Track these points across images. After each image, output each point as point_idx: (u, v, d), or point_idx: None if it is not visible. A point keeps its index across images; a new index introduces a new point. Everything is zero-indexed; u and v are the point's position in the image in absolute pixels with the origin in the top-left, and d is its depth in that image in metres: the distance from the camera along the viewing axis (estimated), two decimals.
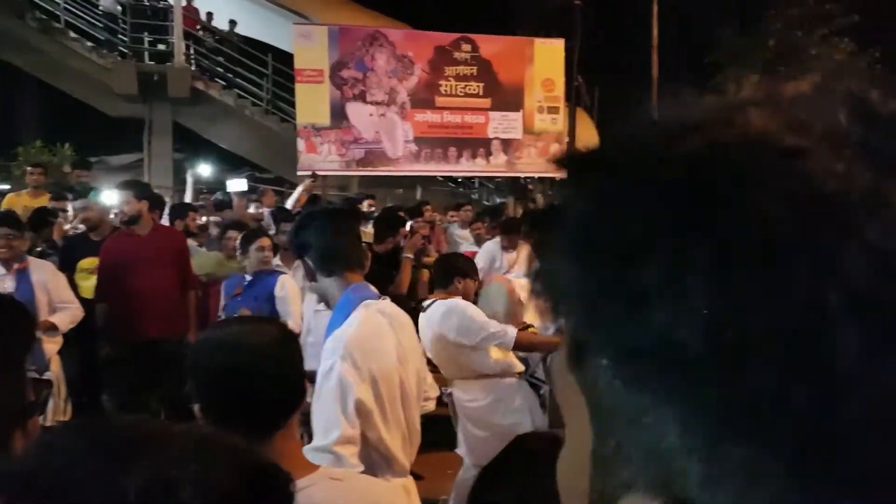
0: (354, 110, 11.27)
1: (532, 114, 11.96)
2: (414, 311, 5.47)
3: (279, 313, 4.08)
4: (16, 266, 4.11)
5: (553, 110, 12.11)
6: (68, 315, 4.19)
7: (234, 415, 1.24)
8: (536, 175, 12.59)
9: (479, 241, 7.38)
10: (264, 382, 1.27)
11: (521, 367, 3.76)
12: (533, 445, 1.18)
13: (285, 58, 12.52)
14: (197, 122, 13.15)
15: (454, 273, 3.66)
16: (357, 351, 1.84)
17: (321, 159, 11.04)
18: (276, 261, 4.65)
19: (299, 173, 10.86)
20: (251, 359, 1.27)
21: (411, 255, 4.96)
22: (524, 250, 6.29)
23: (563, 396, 0.38)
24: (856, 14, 17.50)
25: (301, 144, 11.05)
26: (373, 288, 2.08)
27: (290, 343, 1.37)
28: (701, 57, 18.70)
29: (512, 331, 3.52)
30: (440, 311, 3.51)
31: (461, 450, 3.66)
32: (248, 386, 1.25)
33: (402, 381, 1.96)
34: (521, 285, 4.75)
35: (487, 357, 3.58)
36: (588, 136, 14.38)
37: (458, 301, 3.54)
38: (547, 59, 12.11)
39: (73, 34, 13.09)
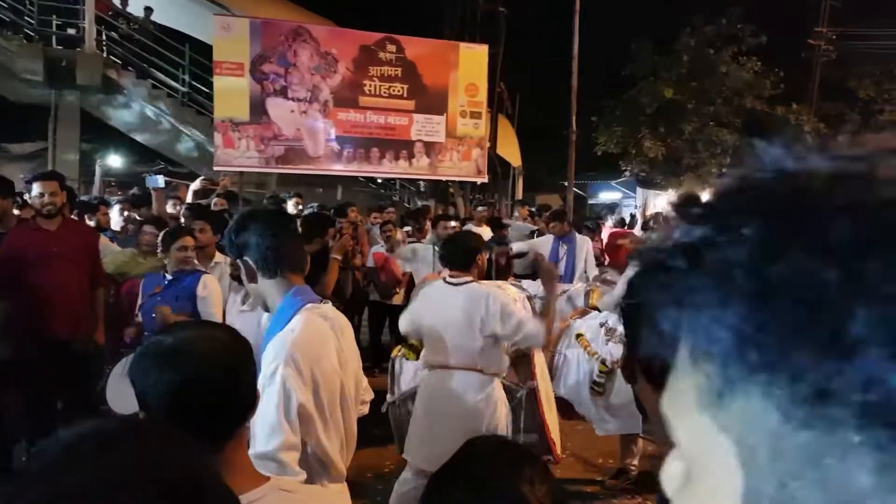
0: (275, 106, 11.01)
1: (455, 118, 12.03)
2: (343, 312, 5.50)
3: (200, 314, 4.00)
4: None
5: (476, 115, 12.22)
6: None
7: (183, 426, 1.16)
8: (458, 179, 12.71)
9: (388, 244, 7.40)
10: (215, 392, 1.22)
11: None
12: (485, 449, 1.20)
13: (204, 49, 12.13)
14: (107, 111, 12.56)
15: (475, 251, 3.65)
16: (300, 355, 1.81)
17: (239, 155, 10.75)
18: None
19: (215, 168, 10.55)
20: (201, 368, 1.22)
21: (339, 257, 4.93)
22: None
23: (687, 436, 0.37)
24: (764, 35, 18.52)
25: (218, 139, 10.70)
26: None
27: (241, 349, 1.31)
28: (618, 69, 19.40)
29: (543, 330, 3.48)
30: (477, 294, 3.47)
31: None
32: (197, 397, 1.20)
33: (342, 386, 1.95)
34: None
35: (502, 353, 3.56)
36: (509, 142, 14.65)
37: (498, 289, 3.56)
38: (471, 64, 12.21)
39: None
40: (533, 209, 9.92)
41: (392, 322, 7.18)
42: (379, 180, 14.22)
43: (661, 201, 21.11)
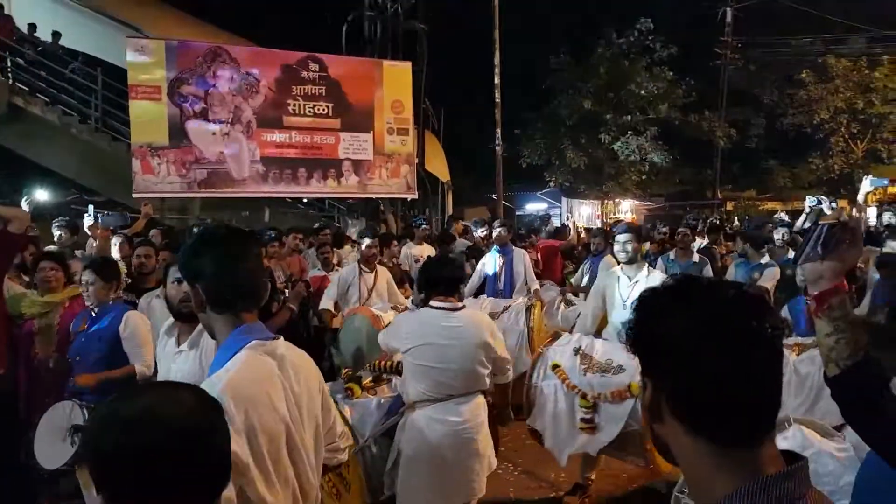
0: (196, 129, 10.75)
1: (382, 135, 12.05)
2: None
3: (128, 355, 3.74)
4: None
5: (403, 132, 12.27)
6: None
7: (155, 501, 1.08)
8: (388, 196, 12.68)
9: (325, 266, 7.27)
10: (184, 464, 1.09)
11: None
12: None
13: (116, 73, 11.73)
14: (15, 140, 11.95)
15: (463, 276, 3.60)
16: (232, 399, 1.58)
17: (159, 181, 10.43)
18: None
19: (135, 195, 10.20)
20: (167, 437, 1.08)
21: (295, 307, 4.77)
22: (382, 274, 6.13)
23: None
24: (674, 46, 19.38)
25: (136, 165, 10.36)
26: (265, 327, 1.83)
27: (210, 411, 1.18)
28: (539, 83, 19.90)
29: None
30: (480, 320, 3.43)
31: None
32: (164, 470, 1.07)
33: (289, 433, 1.70)
34: (389, 320, 4.57)
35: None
36: (436, 158, 14.74)
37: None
38: (395, 80, 12.27)
39: None
40: (467, 224, 9.92)
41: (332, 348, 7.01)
42: (305, 200, 14.02)
43: (586, 210, 21.72)
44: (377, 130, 12.01)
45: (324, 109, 11.65)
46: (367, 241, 6.16)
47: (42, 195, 12.02)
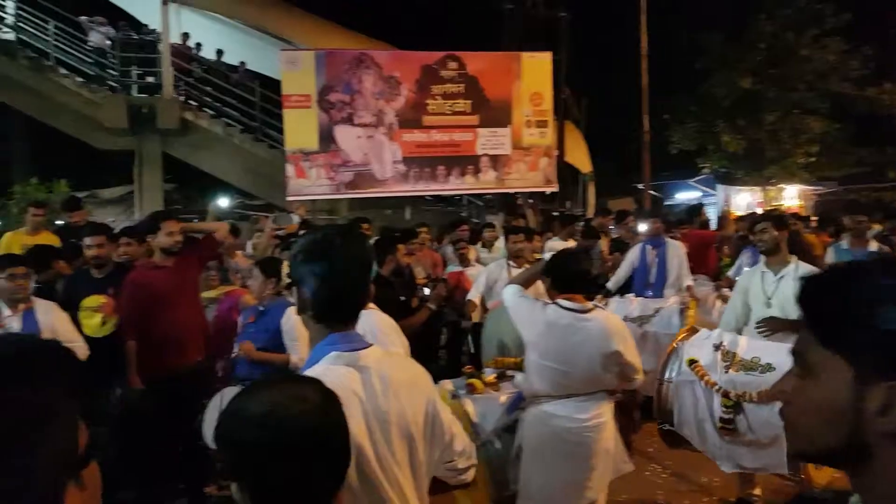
0: (342, 133, 11.26)
1: (520, 129, 11.92)
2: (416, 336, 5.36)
3: (286, 346, 4.09)
4: (21, 306, 4.08)
5: (542, 124, 12.07)
6: None
7: (277, 495, 1.14)
8: (526, 190, 12.53)
9: (462, 262, 7.28)
10: (308, 458, 1.15)
11: None
12: None
13: (273, 85, 12.55)
14: (186, 152, 13.17)
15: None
16: None
17: (310, 184, 11.05)
18: None
19: (288, 198, 10.88)
20: (292, 433, 1.15)
21: (434, 307, 4.83)
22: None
23: None
24: (848, 13, 17.43)
25: (290, 170, 11.04)
26: (362, 335, 1.76)
27: (333, 408, 1.23)
28: (690, 63, 18.70)
29: None
30: (613, 324, 3.31)
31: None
32: (289, 463, 1.14)
33: (361, 450, 1.58)
34: None
35: None
36: (577, 148, 14.34)
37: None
38: (534, 73, 12.09)
39: (63, 70, 13.18)
40: (613, 217, 9.49)
41: (474, 341, 7.02)
42: (445, 197, 14.22)
43: (745, 198, 20.16)
44: (515, 124, 11.90)
45: (462, 106, 11.73)
46: (511, 237, 6.14)
47: (223, 203, 13.09)
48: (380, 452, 1.62)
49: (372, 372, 1.66)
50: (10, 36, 13.33)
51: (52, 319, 4.18)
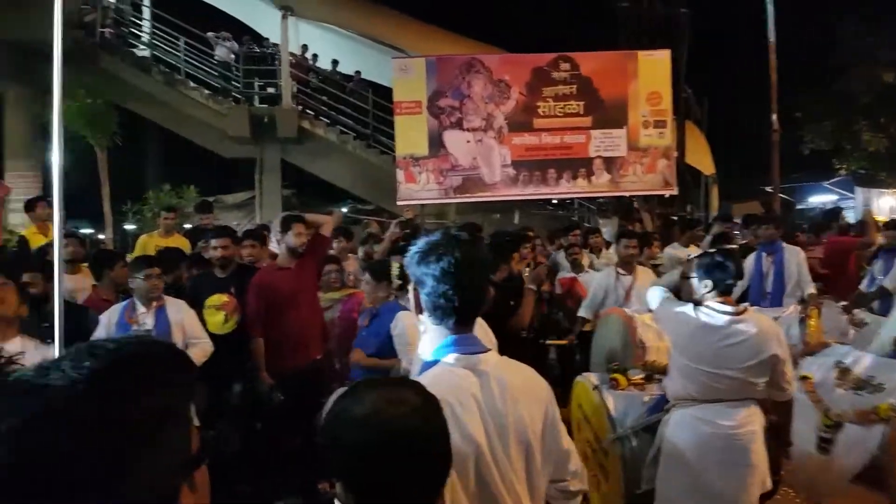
0: (451, 138, 11.24)
1: (637, 129, 11.42)
2: (527, 342, 5.24)
3: (397, 351, 4.14)
4: (154, 304, 4.33)
5: (660, 124, 11.50)
6: (200, 350, 4.33)
7: (379, 496, 1.16)
8: (643, 193, 11.99)
9: (575, 268, 7.01)
10: (408, 461, 1.17)
11: None
12: None
13: (386, 92, 12.78)
14: (303, 159, 13.71)
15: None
16: None
17: (419, 188, 11.10)
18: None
19: (398, 203, 10.99)
20: (391, 435, 1.16)
21: (534, 287, 4.72)
22: (643, 275, 5.75)
23: None
24: None
25: (400, 175, 11.16)
26: (480, 339, 1.74)
27: (432, 411, 1.23)
28: (824, 56, 17.31)
29: None
30: (769, 326, 3.18)
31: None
32: (390, 465, 1.16)
33: (480, 454, 1.57)
34: (644, 322, 4.33)
35: None
36: (699, 149, 13.59)
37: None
38: (652, 71, 11.55)
39: (192, 84, 14.01)
40: (737, 221, 8.85)
41: (583, 350, 6.75)
42: (554, 201, 13.89)
43: (887, 201, 18.40)
44: (631, 125, 11.40)
45: (575, 108, 11.39)
46: (624, 241, 5.95)
47: (343, 208, 13.45)
48: (497, 457, 1.59)
49: (490, 376, 1.64)
50: (146, 53, 14.34)
51: (181, 316, 4.39)
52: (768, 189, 14.08)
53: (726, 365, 3.10)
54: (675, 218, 10.30)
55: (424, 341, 1.79)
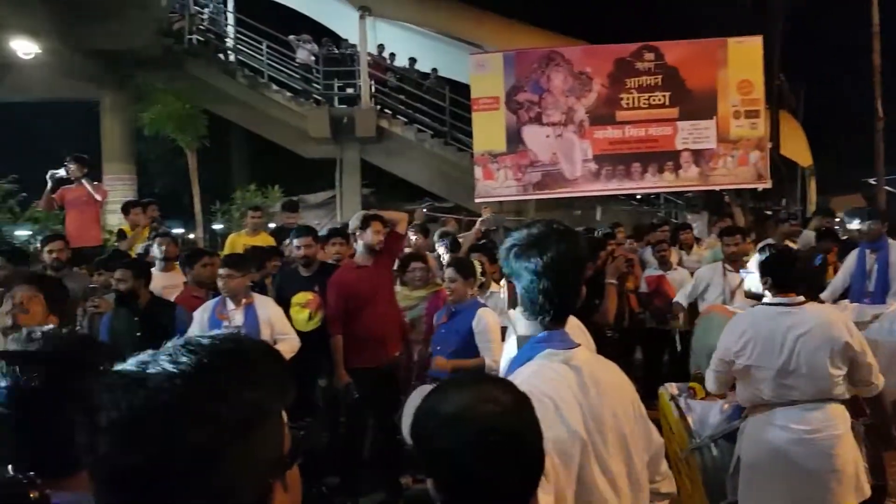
0: (530, 133, 11.08)
1: (727, 120, 10.90)
2: (613, 340, 5.10)
3: (479, 348, 4.13)
4: (243, 301, 4.46)
5: (752, 114, 10.93)
6: (288, 346, 4.40)
7: (471, 494, 1.16)
8: (734, 187, 11.42)
9: (662, 265, 6.72)
10: (499, 460, 1.16)
11: None
12: None
13: (463, 89, 12.74)
14: (381, 158, 13.83)
15: (810, 271, 3.34)
16: None
17: (497, 185, 11.00)
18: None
19: (477, 200, 10.90)
20: (481, 434, 1.15)
21: (615, 281, 4.63)
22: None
23: None
24: None
25: (478, 172, 11.10)
26: (570, 335, 1.72)
27: (524, 410, 1.22)
28: None
29: None
30: (829, 316, 3.09)
31: None
32: (481, 465, 1.15)
33: (585, 451, 1.54)
34: None
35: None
36: (795, 140, 12.85)
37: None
38: (743, 59, 11.01)
39: (275, 87, 14.35)
40: (840, 216, 8.31)
41: (671, 351, 6.46)
42: (638, 196, 13.46)
43: None
44: (721, 115, 10.89)
45: (660, 99, 10.98)
46: (726, 239, 5.83)
47: (411, 206, 13.51)
48: (599, 453, 1.57)
49: (583, 372, 1.62)
50: (231, 57, 14.79)
51: (269, 313, 4.51)
52: (871, 181, 13.16)
53: (793, 358, 2.99)
54: (769, 213, 9.75)
55: (514, 336, 1.78)
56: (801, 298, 3.13)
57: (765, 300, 3.20)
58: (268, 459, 0.79)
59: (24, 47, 11.89)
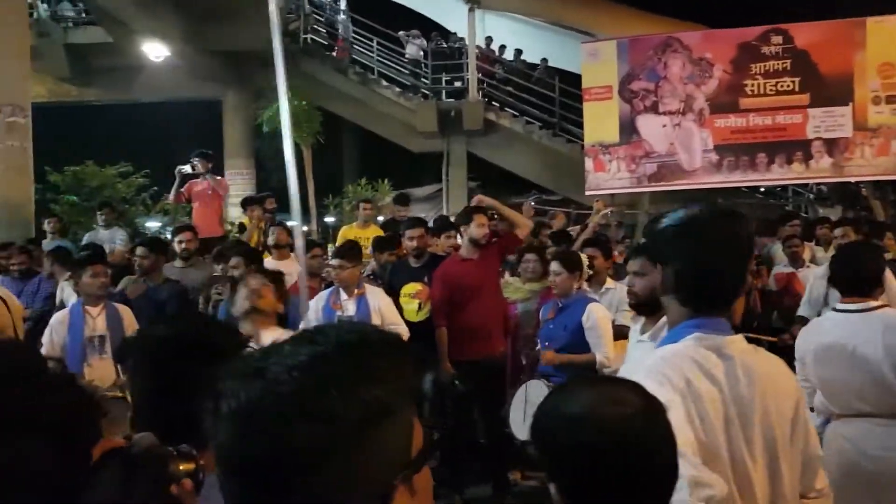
0: (646, 123, 10.70)
1: (865, 106, 10.06)
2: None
3: (589, 345, 4.00)
4: (356, 291, 4.58)
5: (894, 99, 10.03)
6: None
7: (597, 501, 1.11)
8: (873, 178, 10.52)
9: (794, 262, 6.25)
10: (626, 465, 1.09)
11: None
12: None
13: (573, 79, 12.51)
14: (488, 150, 13.80)
15: (877, 271, 2.99)
16: (671, 373, 1.41)
17: (609, 177, 10.70)
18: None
19: (588, 193, 10.66)
20: (608, 436, 1.09)
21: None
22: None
23: None
24: None
25: (589, 164, 10.85)
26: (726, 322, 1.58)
27: (656, 414, 1.15)
28: None
29: None
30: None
31: None
32: (605, 469, 1.10)
33: (728, 447, 1.41)
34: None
35: None
36: None
37: None
38: (883, 39, 10.16)
39: (384, 83, 14.60)
40: None
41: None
42: (763, 189, 12.70)
43: None
44: (858, 101, 10.05)
45: (788, 85, 10.29)
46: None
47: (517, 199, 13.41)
48: (734, 448, 1.41)
49: (736, 361, 1.46)
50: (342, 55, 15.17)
51: (379, 303, 4.59)
52: None
53: (855, 367, 2.74)
54: None
55: (638, 338, 1.77)
56: (874, 303, 2.83)
57: (836, 306, 2.97)
58: (390, 461, 0.74)
59: (155, 50, 12.70)
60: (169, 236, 7.76)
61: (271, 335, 3.23)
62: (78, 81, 14.40)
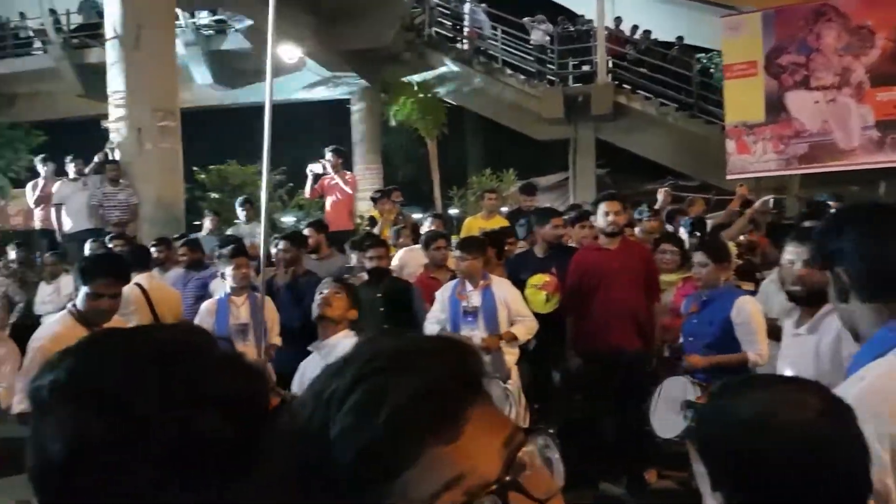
0: (795, 100, 9.98)
1: None
2: None
3: (740, 342, 3.78)
4: (481, 283, 4.57)
5: None
6: (525, 327, 4.47)
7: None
8: None
9: None
10: (806, 475, 0.99)
11: None
12: None
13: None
14: (618, 135, 13.28)
15: None
16: (869, 413, 1.22)
17: (754, 160, 10.09)
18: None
19: (729, 177, 10.06)
20: (790, 443, 1.00)
21: None
22: None
23: None
24: None
25: (731, 146, 10.31)
26: None
27: (843, 421, 1.03)
28: None
29: None
30: None
31: None
32: (779, 479, 1.00)
33: None
34: None
35: None
36: None
37: None
38: None
39: (509, 71, 14.41)
40: None
41: None
42: None
43: None
44: None
45: None
46: None
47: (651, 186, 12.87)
48: None
49: None
50: (465, 46, 15.11)
51: (505, 295, 4.52)
52: None
53: None
54: None
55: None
56: None
57: None
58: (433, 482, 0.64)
59: (289, 52, 13.25)
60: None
61: (342, 341, 3.37)
62: (220, 86, 15.35)
